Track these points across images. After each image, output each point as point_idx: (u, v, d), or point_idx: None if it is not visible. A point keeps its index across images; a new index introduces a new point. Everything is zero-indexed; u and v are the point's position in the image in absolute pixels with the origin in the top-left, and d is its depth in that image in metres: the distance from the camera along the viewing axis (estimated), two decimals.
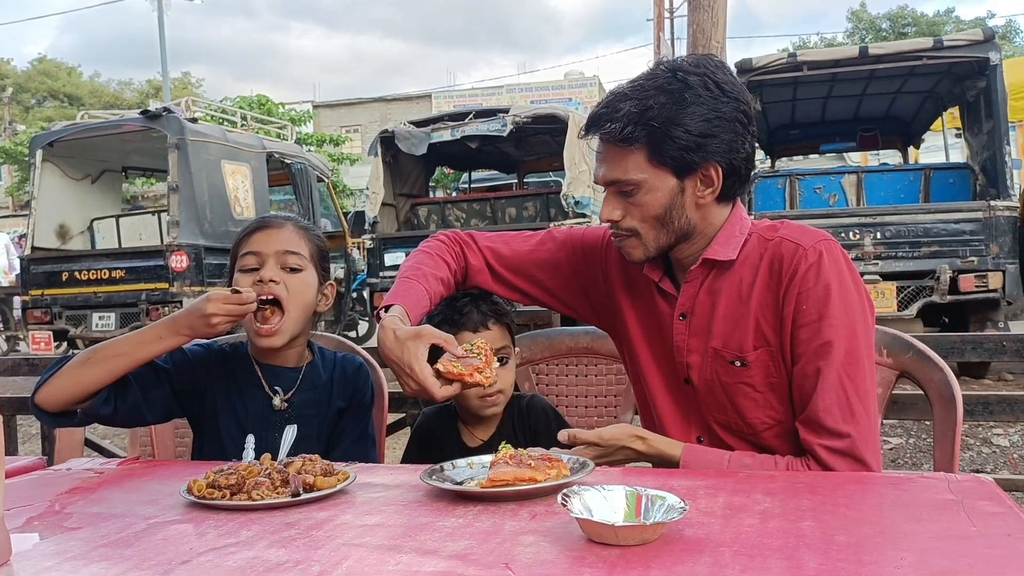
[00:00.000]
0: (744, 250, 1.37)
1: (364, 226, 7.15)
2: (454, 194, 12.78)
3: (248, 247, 1.56)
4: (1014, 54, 23.59)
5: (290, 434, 1.56)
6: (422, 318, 1.44)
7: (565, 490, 0.98)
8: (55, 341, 7.07)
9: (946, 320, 6.19)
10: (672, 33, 20.04)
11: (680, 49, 16.90)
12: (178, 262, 6.65)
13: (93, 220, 7.95)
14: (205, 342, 1.60)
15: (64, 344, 7.09)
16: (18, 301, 8.36)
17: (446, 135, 6.72)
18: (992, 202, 5.48)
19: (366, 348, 1.88)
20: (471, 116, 6.77)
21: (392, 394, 1.88)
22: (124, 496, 1.22)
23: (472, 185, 11.28)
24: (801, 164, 10.62)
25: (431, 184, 10.03)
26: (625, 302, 1.51)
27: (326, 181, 9.06)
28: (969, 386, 5.21)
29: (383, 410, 1.75)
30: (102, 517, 1.09)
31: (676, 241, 1.38)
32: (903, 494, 1.08)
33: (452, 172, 12.83)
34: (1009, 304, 5.55)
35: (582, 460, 1.20)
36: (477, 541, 0.92)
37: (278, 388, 1.58)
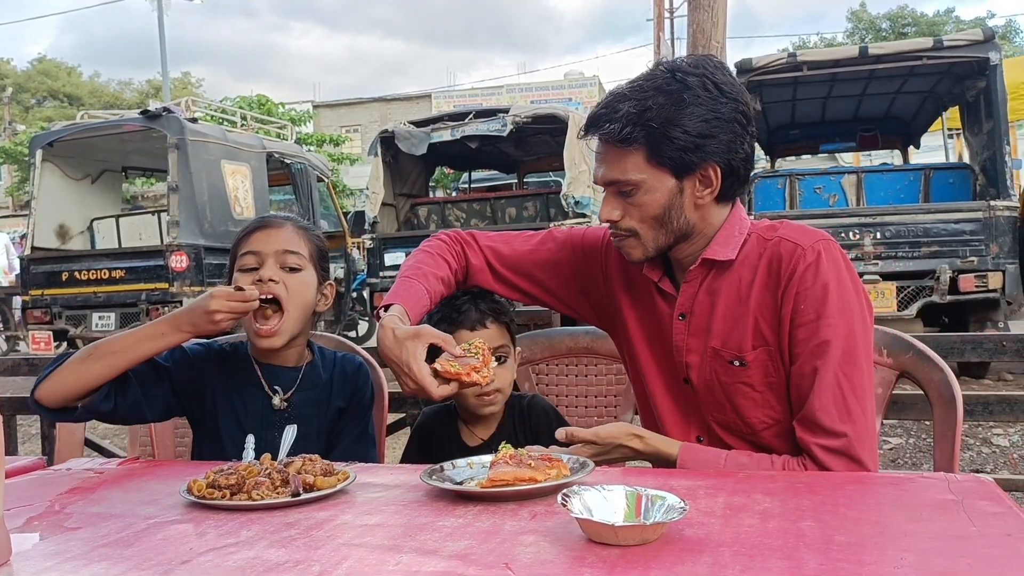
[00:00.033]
0: (743, 250, 1.38)
1: (364, 226, 7.16)
2: (454, 194, 12.78)
3: (247, 247, 1.56)
4: (1014, 54, 23.57)
5: (290, 434, 1.56)
6: (422, 317, 1.45)
7: (565, 490, 0.98)
8: (55, 341, 7.07)
9: (946, 320, 6.18)
10: (672, 33, 20.04)
11: (680, 49, 16.91)
12: (178, 262, 6.65)
13: (93, 220, 7.95)
14: (205, 341, 1.60)
15: (64, 344, 7.08)
16: (18, 301, 8.36)
17: (446, 135, 6.72)
18: (992, 202, 5.48)
19: (366, 348, 1.88)
20: (471, 116, 6.76)
21: (392, 394, 1.88)
22: (124, 496, 1.22)
23: (472, 185, 11.27)
24: (796, 164, 10.61)
25: (431, 184, 10.03)
26: (625, 302, 1.52)
27: (326, 181, 9.06)
28: (969, 386, 5.21)
29: (383, 410, 1.75)
30: (102, 517, 1.09)
31: (675, 241, 1.38)
32: (903, 494, 1.08)
33: (452, 172, 12.83)
34: (1009, 304, 5.54)
35: (582, 460, 1.20)
36: (477, 541, 0.92)
37: (278, 388, 1.58)
